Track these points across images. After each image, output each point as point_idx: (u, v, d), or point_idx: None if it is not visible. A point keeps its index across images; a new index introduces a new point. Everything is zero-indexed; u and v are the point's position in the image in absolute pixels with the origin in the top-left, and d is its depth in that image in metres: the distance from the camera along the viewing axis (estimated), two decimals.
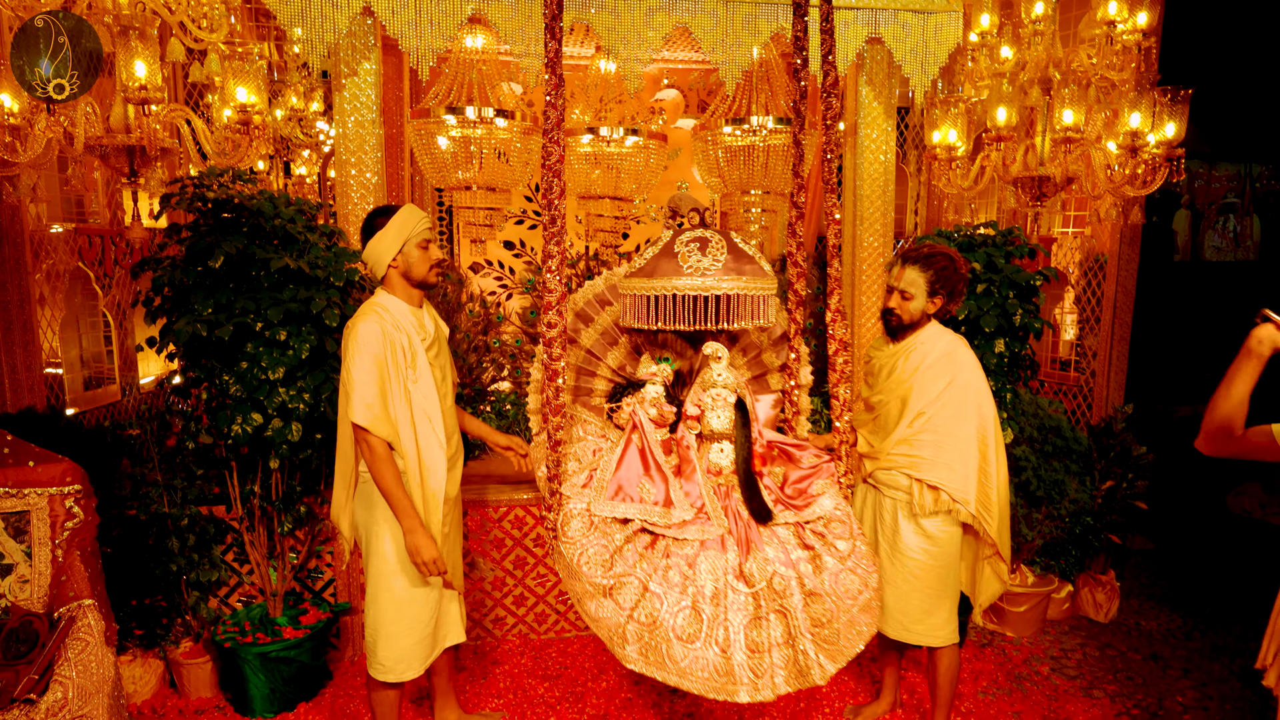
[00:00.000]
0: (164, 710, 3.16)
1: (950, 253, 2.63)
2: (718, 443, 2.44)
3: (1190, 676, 3.48)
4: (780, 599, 2.17)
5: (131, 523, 3.11)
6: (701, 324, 2.31)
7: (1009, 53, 3.67)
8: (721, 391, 2.42)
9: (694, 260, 2.30)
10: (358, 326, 2.40)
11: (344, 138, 3.38)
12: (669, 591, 2.16)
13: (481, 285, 5.05)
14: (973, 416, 2.60)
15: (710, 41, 3.48)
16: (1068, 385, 4.74)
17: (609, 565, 2.20)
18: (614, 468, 2.37)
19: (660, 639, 2.12)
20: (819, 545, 2.30)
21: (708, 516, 2.30)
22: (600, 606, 2.18)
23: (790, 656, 2.16)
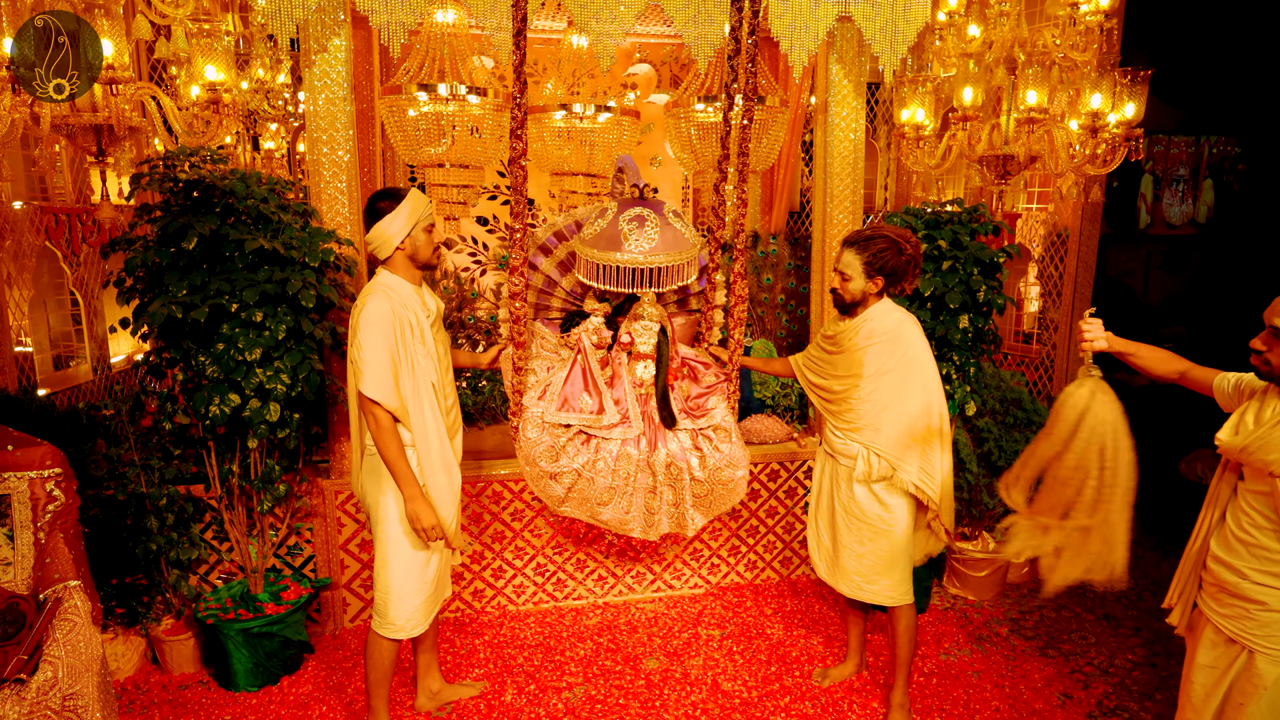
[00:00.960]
0: (147, 686, 3.21)
1: (892, 234, 2.71)
2: (642, 361, 3.08)
3: (1140, 635, 3.66)
4: (673, 480, 2.99)
5: (109, 503, 3.12)
6: (636, 288, 3.01)
7: (976, 31, 3.73)
8: (649, 323, 3.07)
9: (632, 239, 2.96)
10: (367, 305, 2.52)
11: (315, 115, 3.35)
12: (597, 477, 2.93)
13: (455, 261, 5.05)
14: (918, 390, 2.73)
15: (682, 18, 3.49)
16: (1030, 358, 4.88)
17: (555, 458, 2.92)
18: (562, 384, 3.01)
19: (587, 502, 2.97)
20: (707, 447, 3.02)
21: (629, 421, 2.97)
22: (548, 486, 2.96)
23: (674, 514, 3.03)
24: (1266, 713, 2.01)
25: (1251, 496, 2.03)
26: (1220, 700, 2.11)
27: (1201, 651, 2.16)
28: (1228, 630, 2.08)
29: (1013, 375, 4.12)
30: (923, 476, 2.75)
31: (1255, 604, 2.01)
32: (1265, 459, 1.94)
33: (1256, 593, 2.01)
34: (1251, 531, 2.02)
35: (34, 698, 2.00)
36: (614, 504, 2.97)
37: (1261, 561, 2.00)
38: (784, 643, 3.53)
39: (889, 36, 3.61)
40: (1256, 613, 2.01)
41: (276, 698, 3.15)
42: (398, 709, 3.06)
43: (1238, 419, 2.05)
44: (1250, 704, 2.03)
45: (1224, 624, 2.10)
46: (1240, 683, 2.06)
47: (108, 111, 2.81)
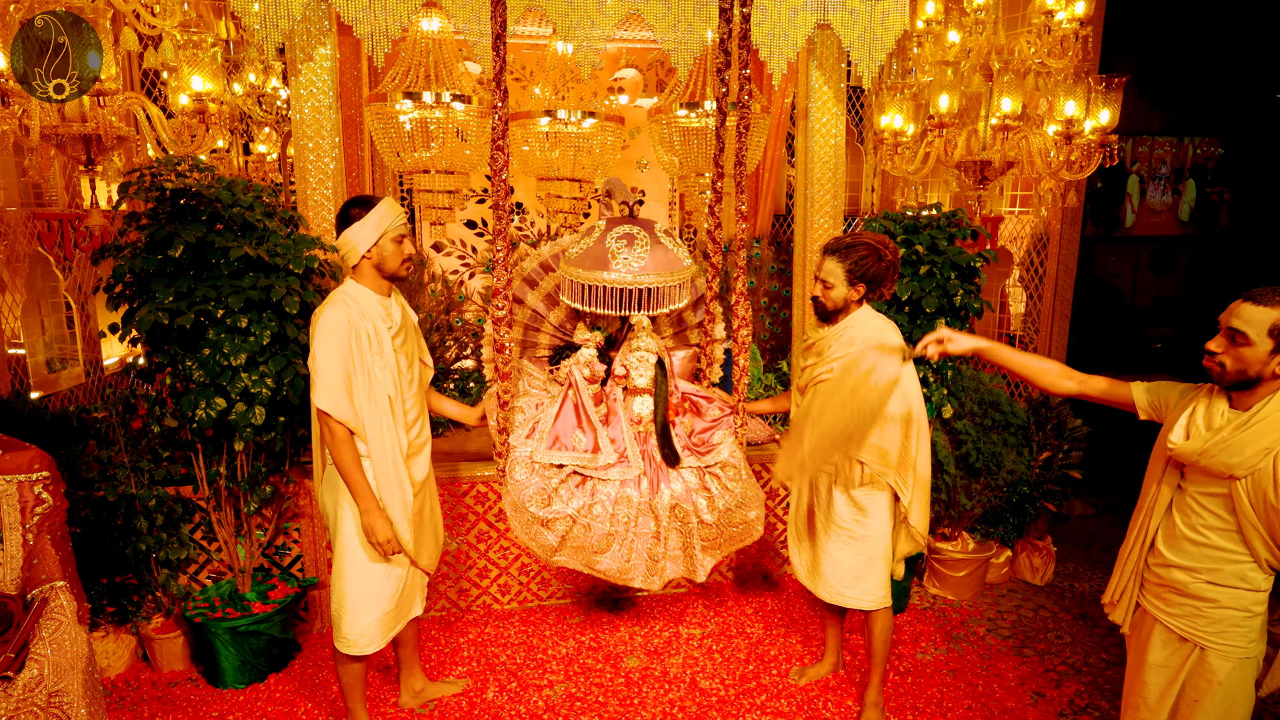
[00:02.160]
0: (137, 683, 3.28)
1: (873, 241, 2.75)
2: (639, 396, 2.88)
3: (1115, 634, 3.70)
4: (680, 524, 2.78)
5: (100, 504, 3.18)
6: (626, 310, 2.77)
7: (955, 37, 3.77)
8: (645, 354, 2.87)
9: (622, 257, 2.73)
10: (324, 314, 2.51)
11: (301, 123, 3.41)
12: (594, 524, 2.70)
13: (444, 265, 5.11)
14: (896, 397, 2.76)
15: (663, 27, 3.55)
16: None
17: (546, 502, 2.69)
18: (552, 421, 2.79)
19: (582, 552, 2.75)
20: (715, 487, 2.81)
21: (628, 460, 2.77)
22: (539, 534, 2.73)
23: (681, 558, 2.83)
24: (1221, 708, 2.06)
25: (1203, 498, 2.06)
26: (1174, 699, 2.16)
27: (1152, 651, 2.20)
28: (1178, 629, 2.12)
29: (993, 378, 4.17)
30: (898, 481, 2.79)
31: (1207, 602, 2.06)
32: (1227, 462, 1.97)
33: (1208, 591, 2.05)
34: (1204, 532, 2.06)
35: (20, 695, 2.06)
36: (613, 552, 2.74)
37: (1214, 561, 2.04)
38: (763, 641, 3.59)
39: (867, 44, 3.66)
40: (1208, 610, 2.06)
41: (264, 695, 3.21)
42: (381, 705, 3.13)
43: (1187, 422, 2.09)
44: (1205, 700, 2.08)
45: (1174, 623, 2.13)
46: (1194, 679, 2.10)
47: (95, 122, 2.87)
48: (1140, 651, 2.25)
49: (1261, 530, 1.96)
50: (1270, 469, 1.92)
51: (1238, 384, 2.00)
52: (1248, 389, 1.99)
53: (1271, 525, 1.94)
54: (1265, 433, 1.93)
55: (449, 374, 4.57)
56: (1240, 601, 2.03)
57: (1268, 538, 1.96)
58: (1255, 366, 1.95)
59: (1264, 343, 1.93)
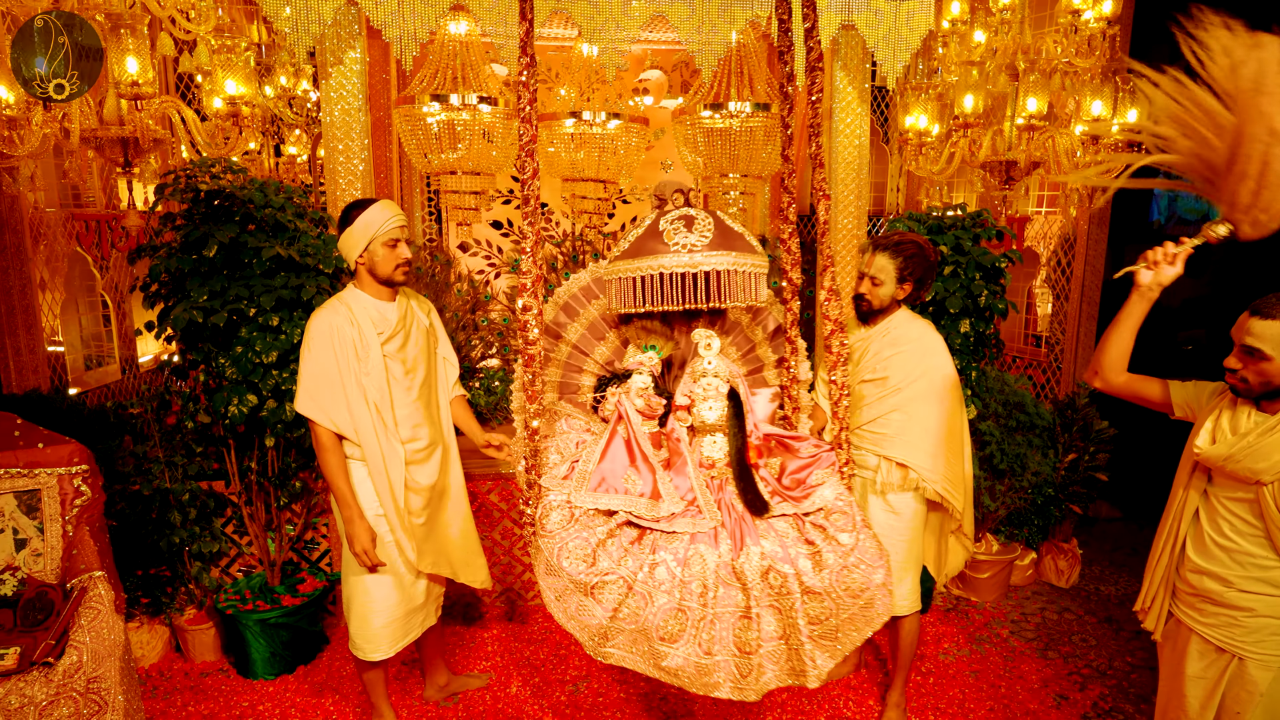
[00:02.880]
0: (170, 673, 3.36)
1: (920, 241, 2.71)
2: (710, 435, 2.23)
3: (1140, 638, 3.67)
4: (776, 596, 2.00)
5: (135, 497, 3.27)
6: (691, 302, 2.12)
7: (981, 37, 3.76)
8: (713, 380, 2.24)
9: (680, 237, 2.14)
10: (313, 318, 2.52)
11: (331, 125, 3.48)
12: (655, 592, 1.97)
13: (469, 265, 5.16)
14: (941, 399, 2.73)
15: (687, 29, 3.57)
16: (1039, 360, 4.89)
17: (591, 560, 2.00)
18: (597, 459, 2.18)
19: (643, 638, 1.98)
20: (820, 539, 2.07)
21: (699, 509, 2.12)
22: (581, 606, 1.99)
23: (783, 653, 2.01)
24: (1265, 718, 2.02)
25: (1230, 503, 2.03)
26: (1216, 711, 2.10)
27: (1190, 663, 2.14)
28: (1215, 639, 2.07)
29: (1019, 379, 4.14)
30: (947, 486, 2.75)
31: (1242, 610, 2.01)
32: (1253, 468, 1.94)
33: (1243, 599, 2.01)
34: (1234, 538, 2.02)
35: (60, 680, 2.13)
36: (687, 639, 1.97)
37: (1246, 568, 2.00)
38: None
39: (892, 44, 3.66)
40: (1244, 619, 2.01)
41: (292, 686, 3.28)
42: (407, 698, 3.18)
43: (1213, 426, 2.06)
44: (1247, 712, 2.03)
45: (1210, 633, 2.09)
46: (1234, 691, 2.05)
47: (132, 125, 2.95)
48: (1177, 663, 2.19)
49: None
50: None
51: (1266, 394, 1.97)
52: (1276, 397, 1.97)
53: None
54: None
55: (474, 372, 4.62)
56: (1277, 609, 1.98)
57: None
58: (1278, 378, 1.92)
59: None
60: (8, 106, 2.95)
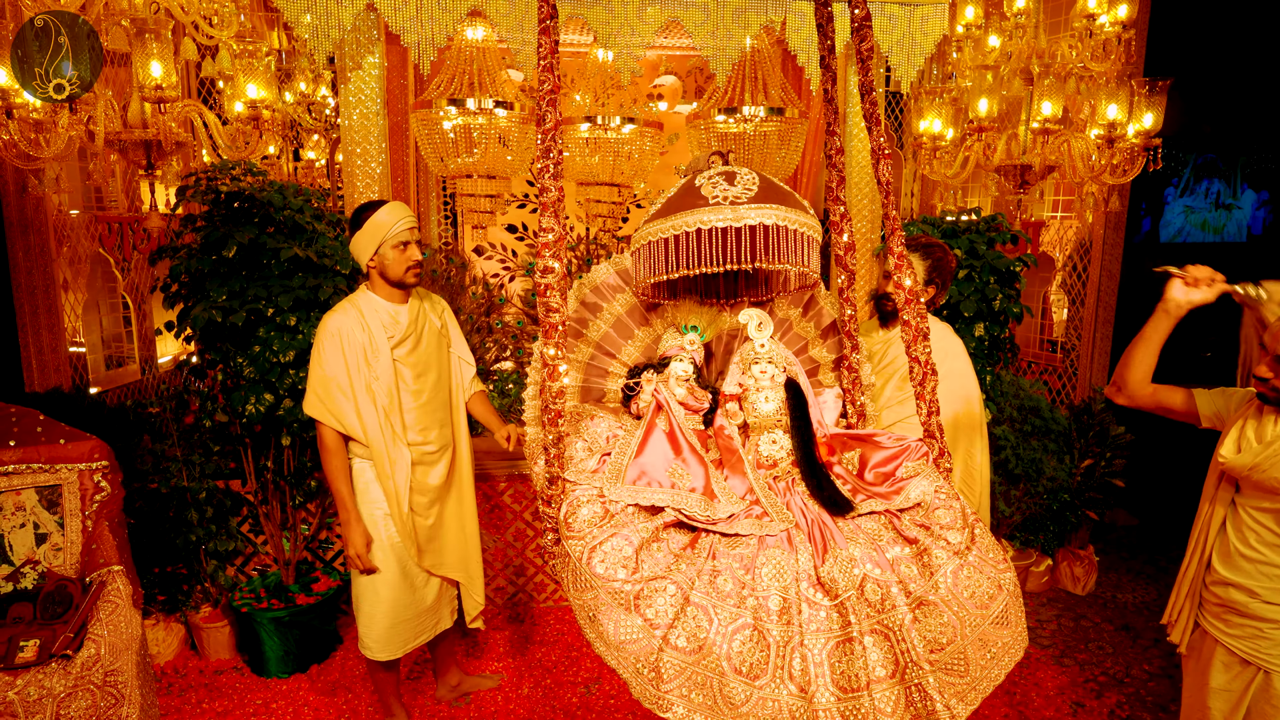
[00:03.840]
0: (185, 670, 3.39)
1: (943, 244, 2.75)
2: (767, 432, 1.86)
3: (1159, 646, 3.64)
4: (878, 613, 1.50)
5: (153, 496, 3.30)
6: (735, 262, 1.69)
7: (995, 42, 3.76)
8: (767, 368, 1.88)
9: (720, 190, 1.70)
10: (324, 321, 2.54)
11: (349, 129, 3.52)
12: (719, 604, 1.50)
13: (484, 268, 5.20)
14: (960, 400, 2.74)
15: (701, 34, 3.59)
16: (1055, 366, 4.87)
17: (633, 567, 1.55)
18: (635, 452, 1.78)
19: (711, 673, 1.46)
20: (925, 537, 1.60)
21: (764, 510, 1.70)
22: (621, 625, 1.50)
23: (900, 695, 1.44)
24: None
25: (1257, 513, 1.99)
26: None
27: (1214, 675, 2.11)
28: (1240, 651, 2.04)
29: (1034, 384, 4.12)
30: (963, 487, 2.74)
31: (1269, 623, 1.98)
32: (1277, 476, 1.92)
33: (1269, 611, 1.97)
34: (1260, 549, 1.98)
35: (78, 672, 2.16)
36: (773, 673, 1.45)
37: (1273, 579, 1.97)
38: None
39: (906, 49, 3.67)
40: (1270, 631, 1.98)
41: (305, 684, 3.30)
42: (419, 698, 3.19)
43: (1238, 435, 2.03)
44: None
45: (1236, 645, 2.05)
46: (1259, 705, 2.02)
47: (156, 128, 3.00)
48: (1201, 675, 2.15)
49: None
50: None
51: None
52: None
53: None
54: None
55: (488, 375, 4.64)
56: None
57: None
58: None
59: None
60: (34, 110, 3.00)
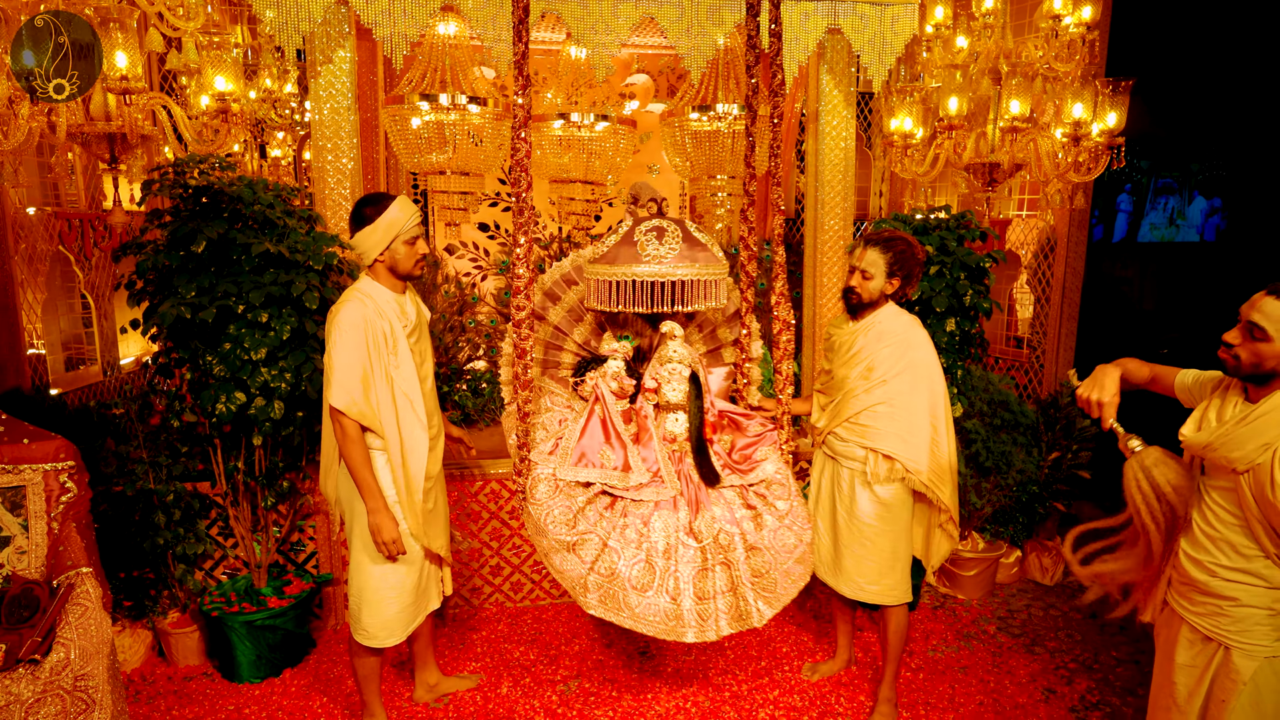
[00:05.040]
0: (153, 677, 3.30)
1: (908, 238, 2.79)
2: (673, 413, 2.65)
3: (1125, 633, 3.72)
4: (725, 552, 2.47)
5: (118, 499, 3.22)
6: (659, 307, 2.56)
7: (964, 42, 3.83)
8: (677, 366, 2.64)
9: (651, 249, 2.55)
10: (340, 312, 2.51)
11: (320, 124, 3.47)
12: (626, 547, 2.42)
13: (457, 266, 5.16)
14: (925, 392, 2.79)
15: (676, 31, 3.60)
16: (1021, 362, 4.96)
17: (572, 524, 2.45)
18: (578, 436, 2.59)
19: (618, 588, 2.40)
20: (761, 505, 2.57)
21: (662, 480, 2.54)
22: (565, 560, 2.44)
23: (733, 603, 2.47)
24: (1248, 708, 2.03)
25: (1216, 493, 2.05)
26: (1203, 699, 2.12)
27: (1179, 651, 2.17)
28: (1203, 628, 2.09)
29: (1002, 379, 4.20)
30: (933, 478, 2.80)
31: (1227, 600, 2.03)
32: (1229, 455, 1.97)
33: (1227, 589, 2.03)
34: (1218, 527, 2.04)
35: (47, 677, 2.09)
36: (656, 589, 2.42)
37: (1230, 557, 2.02)
38: (774, 639, 3.60)
39: (877, 48, 3.72)
40: (1229, 609, 2.03)
41: (279, 689, 3.23)
42: (395, 700, 3.15)
43: (1200, 415, 2.09)
44: (1232, 700, 2.04)
45: (1198, 622, 2.11)
46: (1220, 679, 2.07)
47: (121, 120, 2.92)
48: (1168, 651, 2.21)
49: (1265, 524, 1.95)
50: (1269, 465, 1.91)
51: (1251, 376, 1.99)
52: (1262, 383, 1.99)
53: (1272, 520, 1.93)
54: (1265, 429, 1.93)
55: (461, 374, 4.60)
56: (1261, 599, 2.00)
57: (1272, 532, 1.95)
58: (1271, 361, 1.94)
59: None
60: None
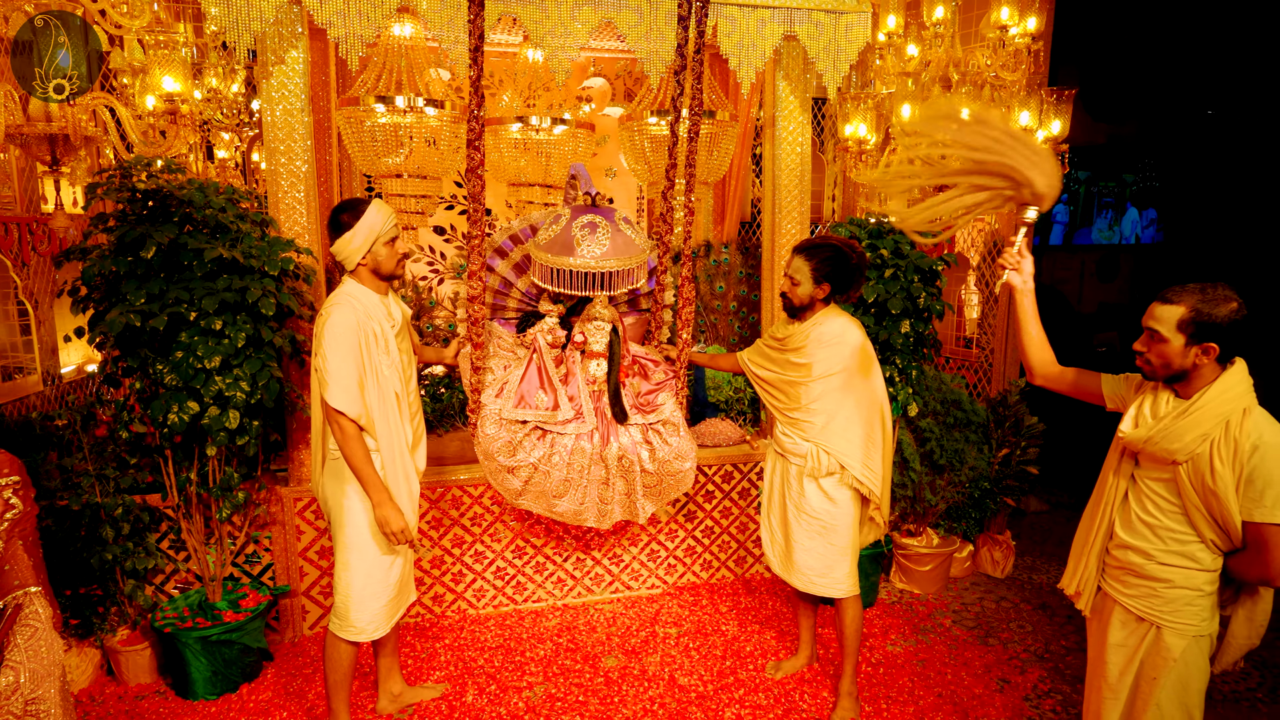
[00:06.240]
0: (103, 697, 3.19)
1: (840, 244, 2.88)
2: (595, 359, 3.27)
3: (1073, 622, 3.86)
4: (626, 472, 3.21)
5: (63, 513, 3.10)
6: (590, 290, 3.19)
7: (914, 51, 3.92)
8: (601, 323, 3.28)
9: (585, 245, 3.14)
10: (331, 316, 2.56)
11: (273, 126, 3.39)
12: (551, 470, 3.11)
13: (413, 270, 5.09)
14: (862, 390, 2.89)
15: (635, 35, 3.61)
16: (971, 362, 5.10)
17: (512, 453, 3.08)
18: (519, 381, 3.17)
19: (543, 495, 3.17)
20: (656, 441, 3.23)
21: (583, 417, 3.17)
22: (506, 480, 3.13)
23: (626, 504, 3.27)
24: (1177, 684, 2.15)
25: (1153, 483, 2.17)
26: (1134, 677, 2.24)
27: (1112, 632, 2.28)
28: (1136, 609, 2.21)
29: (953, 378, 4.31)
30: (865, 472, 2.91)
31: (1162, 582, 2.15)
32: (1169, 448, 2.09)
33: (1162, 571, 2.15)
34: (1155, 514, 2.16)
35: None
36: (569, 496, 3.16)
37: (1166, 542, 2.14)
38: (738, 638, 3.64)
39: (832, 55, 3.78)
40: (1163, 590, 2.15)
41: (236, 705, 3.15)
42: (359, 712, 3.09)
43: (1136, 412, 2.21)
44: (1162, 676, 2.16)
45: (1132, 604, 2.22)
46: (1151, 657, 2.19)
47: (63, 121, 2.82)
48: (1101, 633, 2.33)
49: (1203, 511, 2.07)
50: (1207, 454, 2.03)
51: (1170, 377, 2.13)
52: (1183, 381, 2.12)
53: (1210, 506, 2.05)
54: (1201, 421, 2.05)
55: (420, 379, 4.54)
56: (1192, 581, 2.12)
57: (1209, 518, 2.07)
58: (1176, 359, 2.07)
59: (1176, 337, 2.06)
60: None
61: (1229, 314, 2.02)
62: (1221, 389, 2.06)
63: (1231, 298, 2.04)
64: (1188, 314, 2.05)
